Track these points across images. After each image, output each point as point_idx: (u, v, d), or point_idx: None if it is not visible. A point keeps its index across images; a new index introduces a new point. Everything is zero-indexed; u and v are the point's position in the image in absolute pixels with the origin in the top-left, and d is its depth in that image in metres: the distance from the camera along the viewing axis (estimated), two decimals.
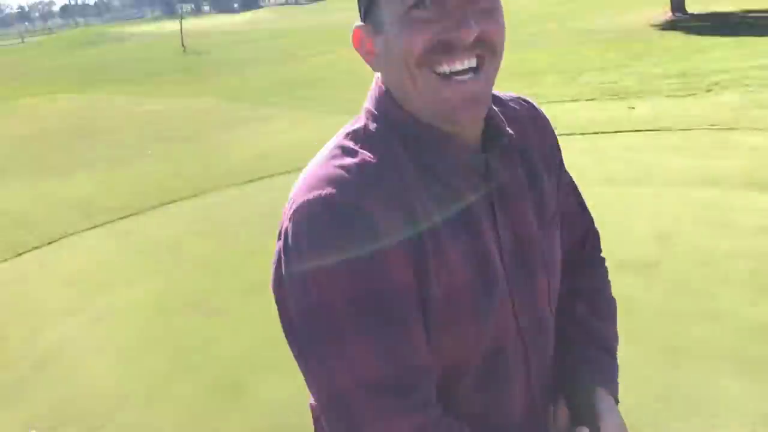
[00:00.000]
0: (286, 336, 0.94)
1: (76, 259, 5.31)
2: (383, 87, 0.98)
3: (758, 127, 6.22)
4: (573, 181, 1.23)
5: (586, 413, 1.06)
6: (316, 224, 0.87)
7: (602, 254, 1.31)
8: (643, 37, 15.13)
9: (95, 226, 6.00)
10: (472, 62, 0.90)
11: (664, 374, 2.95)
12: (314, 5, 71.49)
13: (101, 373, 3.59)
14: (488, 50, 0.91)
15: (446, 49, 0.88)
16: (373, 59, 0.97)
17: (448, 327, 0.92)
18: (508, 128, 1.02)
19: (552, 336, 1.11)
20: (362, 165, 0.90)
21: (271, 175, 6.87)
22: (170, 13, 70.76)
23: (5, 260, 5.50)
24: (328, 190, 0.87)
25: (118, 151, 9.50)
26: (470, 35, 0.87)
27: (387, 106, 0.97)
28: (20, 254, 5.59)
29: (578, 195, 1.25)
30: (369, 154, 0.92)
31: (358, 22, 0.97)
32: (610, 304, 1.25)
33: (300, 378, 0.94)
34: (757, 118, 6.52)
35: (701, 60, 10.26)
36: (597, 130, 6.84)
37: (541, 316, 1.06)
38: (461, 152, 0.97)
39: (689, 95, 7.90)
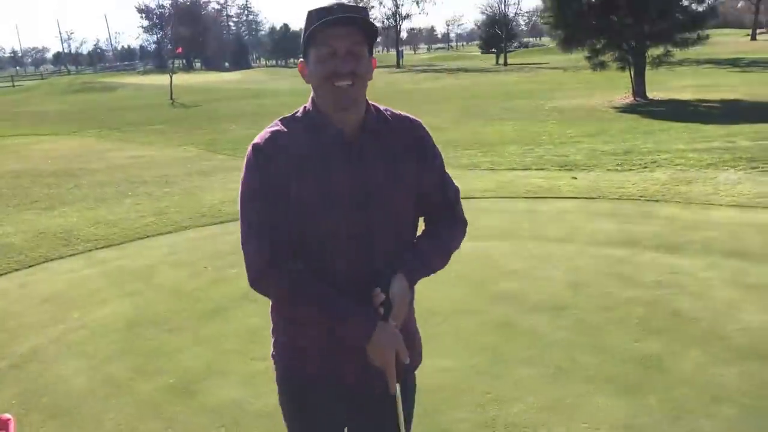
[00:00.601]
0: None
1: (53, 281, 5.80)
2: (312, 94, 1.81)
3: (677, 200, 6.98)
4: (443, 172, 1.94)
5: (387, 286, 1.77)
6: (248, 155, 1.77)
7: (464, 220, 2.00)
8: (603, 117, 16.21)
9: (74, 254, 6.52)
10: (349, 82, 1.72)
11: (554, 389, 3.52)
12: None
13: (69, 375, 4.06)
14: (357, 77, 1.72)
15: (336, 75, 1.70)
16: (306, 78, 1.81)
17: (302, 221, 1.74)
18: (377, 127, 1.81)
19: (380, 246, 1.80)
20: (274, 131, 1.79)
21: (236, 219, 7.45)
22: (162, 67, 72.22)
23: None
24: (255, 140, 1.77)
25: (100, 191, 10.05)
26: (346, 69, 1.70)
27: (311, 103, 1.82)
28: (1, 274, 6.07)
29: (445, 183, 1.95)
30: (283, 127, 1.80)
31: (301, 59, 1.83)
32: (445, 247, 1.93)
33: (244, 385, 1.52)
34: (679, 192, 7.29)
35: (647, 141, 11.17)
36: (539, 195, 7.56)
37: (367, 234, 1.77)
38: (340, 131, 1.77)
39: (627, 170, 8.71)
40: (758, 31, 73.65)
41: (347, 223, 1.77)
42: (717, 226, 6.04)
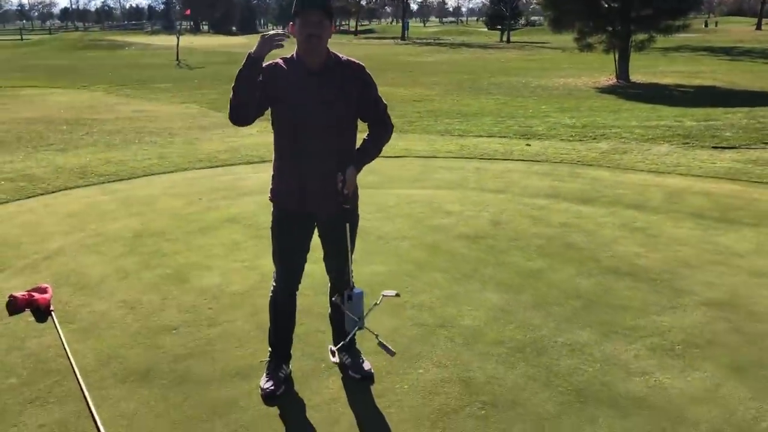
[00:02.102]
0: None
1: (73, 204, 6.97)
2: (297, 46, 3.01)
3: (608, 165, 8.14)
4: (376, 95, 3.20)
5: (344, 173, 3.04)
6: None
7: (390, 124, 3.30)
8: (581, 96, 17.26)
9: (89, 185, 7.70)
10: (316, 40, 2.95)
11: (455, 287, 4.69)
12: None
13: (89, 265, 5.23)
14: (321, 37, 2.96)
15: (310, 37, 2.94)
16: (294, 35, 3.01)
17: (279, 115, 3.05)
18: (332, 65, 3.08)
19: (337, 143, 3.08)
20: (275, 62, 3.08)
21: (233, 164, 8.64)
22: (169, 28, 72.84)
23: (16, 200, 7.14)
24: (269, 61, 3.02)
25: (109, 138, 11.20)
26: (317, 31, 2.95)
27: (296, 51, 3.06)
28: (28, 197, 7.24)
29: (376, 101, 3.21)
30: (279, 61, 3.08)
31: (291, 23, 3.04)
32: (377, 143, 3.25)
33: (223, 276, 2.70)
34: (613, 159, 8.45)
35: (608, 117, 12.29)
36: (492, 158, 8.72)
37: (326, 133, 3.04)
38: (309, 66, 3.02)
39: (578, 141, 9.84)
40: (765, 20, 73.76)
41: (313, 119, 3.04)
42: (630, 186, 7.21)
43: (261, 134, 11.43)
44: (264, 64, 3.02)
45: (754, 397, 3.29)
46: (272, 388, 3.39)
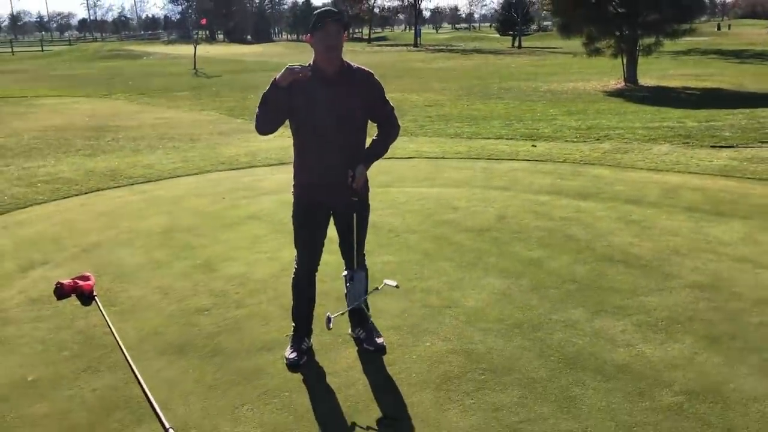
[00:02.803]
0: None
1: (106, 203, 7.48)
2: (314, 55, 3.45)
3: (609, 164, 8.53)
4: (384, 98, 3.65)
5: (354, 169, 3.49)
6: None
7: (397, 124, 3.76)
8: (589, 99, 17.62)
9: (120, 186, 8.22)
10: (334, 52, 3.43)
11: (461, 274, 5.11)
12: None
13: (125, 256, 5.71)
14: (338, 48, 3.44)
15: (329, 48, 3.40)
16: (312, 46, 3.46)
17: (299, 119, 3.47)
18: (346, 73, 3.53)
19: (349, 140, 3.54)
20: (300, 66, 3.37)
21: (252, 166, 9.13)
22: (186, 37, 73.99)
23: (53, 200, 7.65)
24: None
25: (134, 144, 11.74)
26: (335, 42, 3.41)
27: (313, 60, 3.48)
28: (64, 197, 7.76)
29: (384, 103, 3.65)
30: (299, 67, 3.39)
31: (309, 34, 3.49)
32: (385, 141, 3.70)
33: (248, 265, 3.15)
34: (614, 158, 8.84)
35: (612, 119, 12.66)
36: (499, 158, 9.13)
37: (340, 132, 3.48)
38: (326, 73, 3.45)
39: (582, 142, 10.24)
40: None
41: (328, 122, 3.48)
42: (628, 183, 7.60)
43: (277, 139, 11.94)
44: (270, 88, 3.47)
45: (725, 364, 3.68)
46: (296, 357, 3.84)
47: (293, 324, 4.02)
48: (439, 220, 6.44)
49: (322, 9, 3.47)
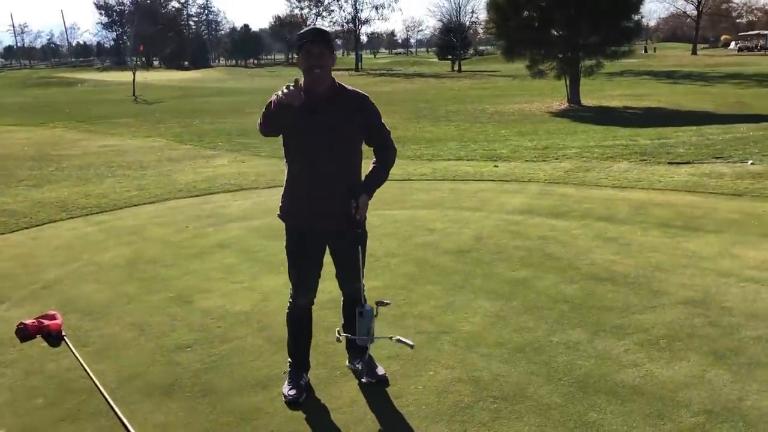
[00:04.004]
0: None
1: (60, 236, 7.05)
2: (303, 75, 3.21)
3: (574, 182, 8.59)
4: (380, 122, 3.47)
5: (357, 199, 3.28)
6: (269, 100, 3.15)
7: (394, 147, 3.58)
8: (536, 120, 17.94)
9: (73, 217, 7.78)
10: (318, 70, 3.21)
11: (450, 297, 4.97)
12: (258, 69, 74.31)
13: (91, 292, 5.34)
14: (322, 67, 3.23)
15: (311, 68, 3.17)
16: (299, 66, 3.25)
17: (291, 143, 3.26)
18: (337, 93, 3.34)
19: (344, 164, 3.33)
20: (291, 88, 3.09)
21: (211, 193, 8.82)
22: (120, 64, 72.35)
23: (1, 234, 7.17)
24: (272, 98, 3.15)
25: (81, 173, 11.22)
26: (318, 62, 3.19)
27: (303, 79, 3.16)
28: (12, 231, 7.28)
29: (380, 127, 3.47)
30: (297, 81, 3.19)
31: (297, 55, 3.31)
32: (385, 166, 3.52)
33: (225, 297, 2.94)
34: (578, 177, 8.92)
35: (566, 139, 12.86)
36: (464, 179, 9.09)
37: (333, 157, 3.27)
38: (317, 96, 3.24)
39: (542, 161, 10.32)
40: (701, 46, 77.26)
41: (321, 142, 3.28)
42: (597, 201, 7.65)
43: (234, 164, 11.65)
44: (274, 97, 3.27)
45: (735, 381, 3.63)
46: (295, 394, 3.60)
47: (289, 359, 3.78)
48: (418, 243, 6.30)
49: (305, 29, 3.33)
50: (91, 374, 3.93)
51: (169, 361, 4.10)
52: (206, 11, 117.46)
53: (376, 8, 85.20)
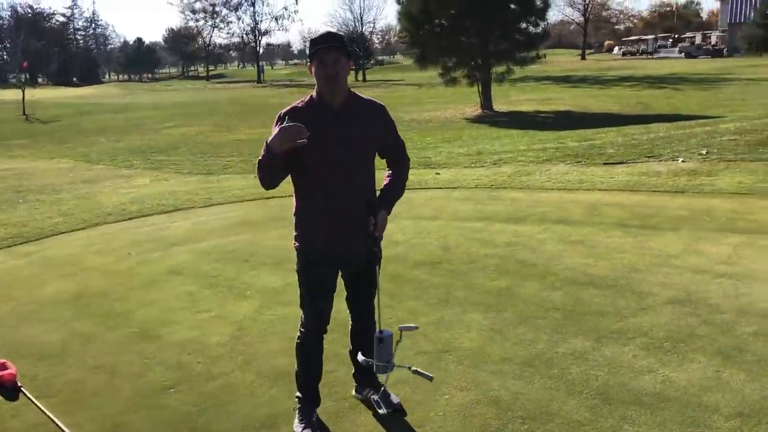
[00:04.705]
0: None
1: None
2: (317, 87, 2.94)
3: (520, 187, 8.62)
4: (396, 133, 3.26)
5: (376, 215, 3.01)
6: (276, 117, 3.01)
7: (408, 158, 3.38)
8: (456, 126, 18.12)
9: None
10: (334, 79, 2.95)
11: (438, 312, 4.76)
12: (153, 84, 71.81)
13: (39, 333, 4.76)
14: (338, 75, 2.97)
15: (327, 77, 2.91)
16: (312, 75, 3.00)
17: (306, 160, 2.92)
18: (353, 104, 3.07)
19: (361, 179, 3.04)
20: (295, 105, 3.08)
21: (145, 215, 8.25)
22: (1, 82, 67.90)
23: None
24: (282, 111, 3.00)
25: None
26: (334, 71, 2.92)
27: (316, 93, 3.04)
28: None
29: (395, 139, 3.26)
30: (301, 102, 3.10)
31: (307, 62, 3.01)
32: (402, 179, 3.29)
33: (196, 329, 2.61)
34: (521, 181, 8.96)
35: (494, 144, 13.00)
36: (411, 188, 8.92)
37: (351, 170, 2.97)
38: (331, 105, 3.00)
39: (480, 167, 10.34)
40: (587, 51, 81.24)
41: (338, 157, 3.00)
42: (549, 204, 7.68)
43: (155, 184, 11.00)
44: (283, 111, 3.04)
45: (751, 380, 3.62)
46: None
47: (298, 395, 3.46)
48: (386, 257, 6.00)
49: (318, 34, 3.05)
50: (65, 429, 3.45)
51: (153, 405, 3.68)
52: (93, 25, 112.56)
53: (276, 19, 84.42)
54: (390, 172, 3.31)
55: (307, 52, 3.01)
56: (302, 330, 3.38)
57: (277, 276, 5.72)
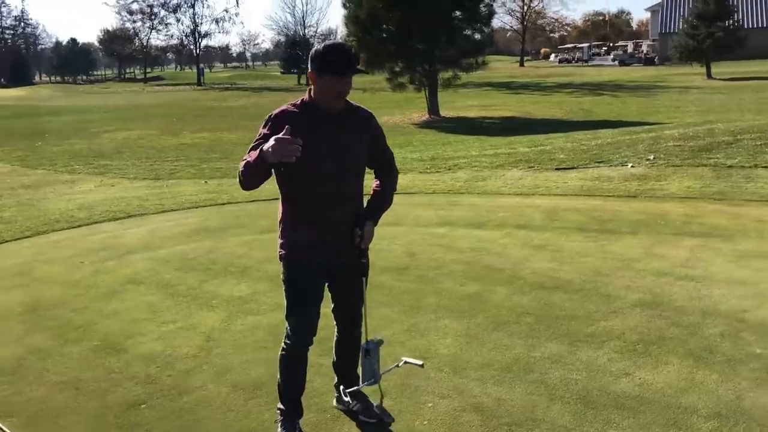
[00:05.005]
0: None
1: None
2: (311, 90, 2.88)
3: (477, 192, 8.69)
4: (384, 143, 3.18)
5: (363, 227, 2.94)
6: (266, 119, 2.94)
7: (396, 170, 3.30)
8: (405, 132, 18.19)
9: None
10: (343, 96, 2.88)
11: (410, 320, 4.73)
12: (89, 86, 69.71)
13: None
14: (347, 93, 2.87)
15: (340, 95, 2.83)
16: (314, 83, 2.86)
17: (297, 167, 2.76)
18: (348, 113, 3.00)
19: (352, 189, 2.98)
20: (286, 109, 2.96)
21: (95, 222, 7.96)
22: None
23: None
24: (272, 113, 2.93)
25: None
26: (347, 89, 2.82)
27: (310, 96, 2.94)
28: None
29: (384, 148, 3.19)
30: (292, 106, 2.97)
31: (310, 71, 2.88)
32: (390, 191, 3.21)
33: (163, 340, 2.52)
34: (478, 186, 9.05)
35: (446, 149, 13.09)
36: (367, 193, 8.88)
37: (343, 180, 2.87)
38: (329, 115, 2.90)
39: (435, 172, 10.39)
40: (525, 58, 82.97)
41: (331, 165, 2.92)
42: (508, 209, 7.76)
43: (101, 190, 10.64)
44: (274, 113, 2.96)
45: (724, 380, 3.71)
46: None
47: (281, 407, 3.37)
48: None
49: (336, 46, 2.92)
50: None
51: (125, 423, 3.52)
52: (22, 23, 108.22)
53: (217, 21, 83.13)
54: (378, 182, 3.25)
55: (314, 59, 2.87)
56: (288, 342, 3.28)
57: (243, 285, 5.58)
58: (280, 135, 2.66)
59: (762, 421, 3.30)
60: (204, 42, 76.46)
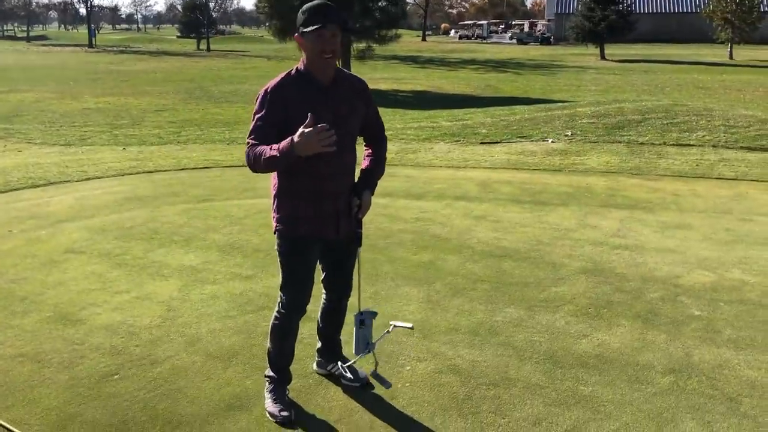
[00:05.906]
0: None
1: None
2: (304, 58, 2.83)
3: (410, 165, 8.84)
4: (376, 111, 3.20)
5: (360, 196, 2.98)
6: (260, 93, 2.92)
7: (386, 138, 3.32)
8: None
9: None
10: (331, 56, 2.82)
11: (371, 288, 4.80)
12: None
13: None
14: (335, 53, 2.82)
15: (325, 50, 2.72)
16: (302, 48, 2.81)
17: (292, 133, 2.72)
18: (341, 80, 2.97)
19: (349, 159, 3.02)
20: (281, 78, 2.94)
21: (14, 189, 7.50)
22: None
23: None
24: (267, 85, 2.92)
25: None
26: (332, 47, 2.75)
27: (303, 64, 2.90)
28: None
29: (377, 116, 3.20)
30: (286, 75, 2.95)
31: (296, 34, 2.85)
32: (383, 159, 3.23)
33: (120, 311, 2.51)
34: (410, 159, 9.19)
35: None
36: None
37: (341, 150, 2.86)
38: (320, 81, 2.89)
39: (359, 143, 10.42)
40: (427, 33, 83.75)
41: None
42: (443, 180, 7.96)
43: (6, 155, 9.99)
44: (270, 86, 2.91)
45: (672, 339, 4.05)
46: (286, 412, 3.24)
47: (270, 374, 3.38)
48: None
49: (313, 3, 2.85)
50: (10, 427, 3.13)
51: (102, 394, 3.43)
52: None
53: None
54: (369, 151, 3.27)
55: (300, 21, 2.88)
56: (282, 311, 3.28)
57: (192, 254, 5.47)
58: (306, 129, 2.64)
59: (710, 374, 3.64)
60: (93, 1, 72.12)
